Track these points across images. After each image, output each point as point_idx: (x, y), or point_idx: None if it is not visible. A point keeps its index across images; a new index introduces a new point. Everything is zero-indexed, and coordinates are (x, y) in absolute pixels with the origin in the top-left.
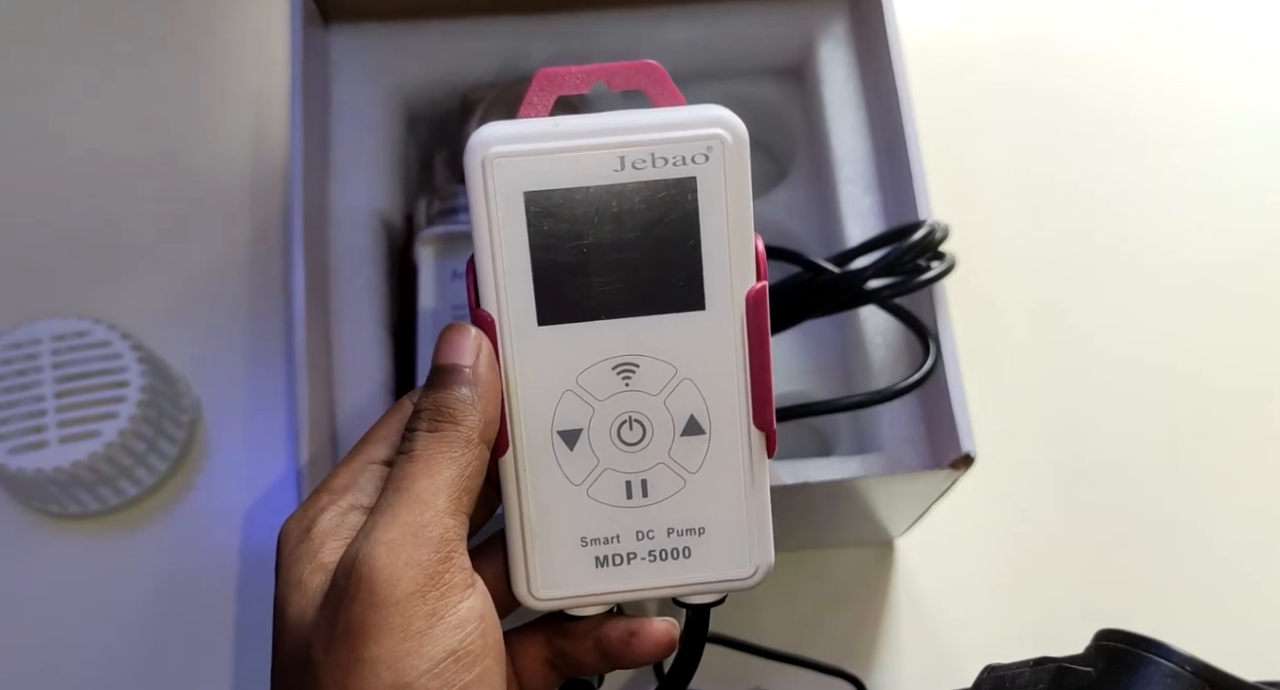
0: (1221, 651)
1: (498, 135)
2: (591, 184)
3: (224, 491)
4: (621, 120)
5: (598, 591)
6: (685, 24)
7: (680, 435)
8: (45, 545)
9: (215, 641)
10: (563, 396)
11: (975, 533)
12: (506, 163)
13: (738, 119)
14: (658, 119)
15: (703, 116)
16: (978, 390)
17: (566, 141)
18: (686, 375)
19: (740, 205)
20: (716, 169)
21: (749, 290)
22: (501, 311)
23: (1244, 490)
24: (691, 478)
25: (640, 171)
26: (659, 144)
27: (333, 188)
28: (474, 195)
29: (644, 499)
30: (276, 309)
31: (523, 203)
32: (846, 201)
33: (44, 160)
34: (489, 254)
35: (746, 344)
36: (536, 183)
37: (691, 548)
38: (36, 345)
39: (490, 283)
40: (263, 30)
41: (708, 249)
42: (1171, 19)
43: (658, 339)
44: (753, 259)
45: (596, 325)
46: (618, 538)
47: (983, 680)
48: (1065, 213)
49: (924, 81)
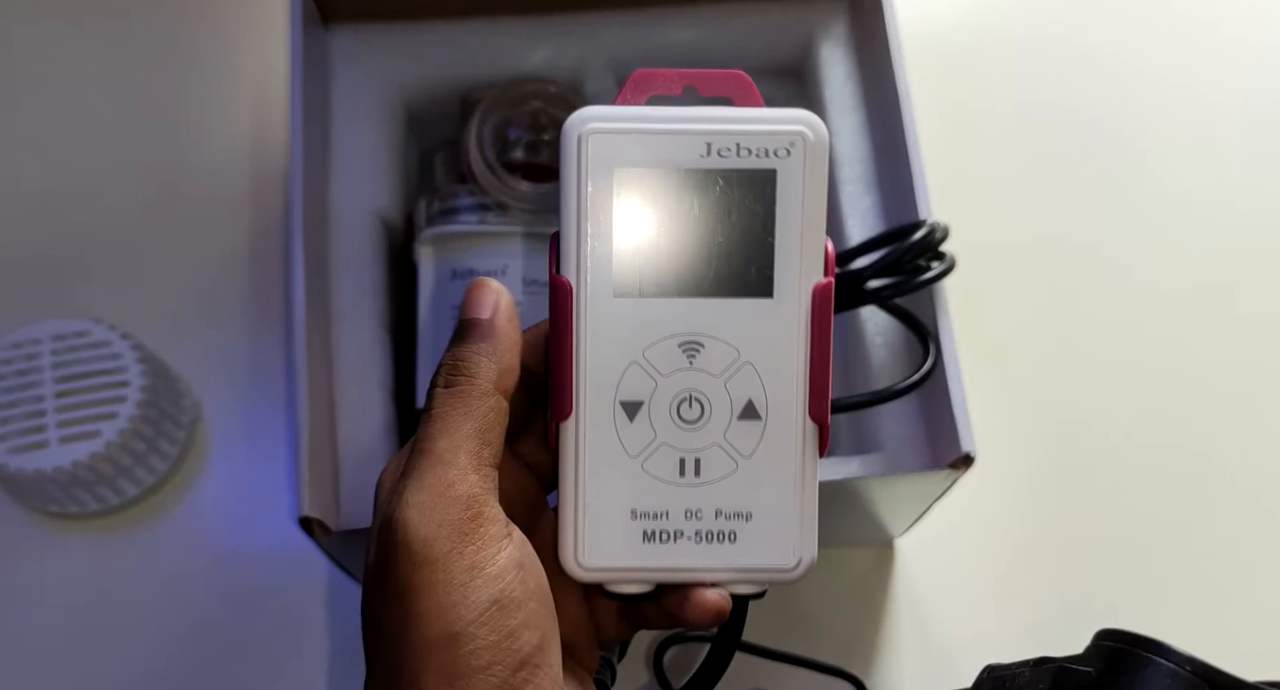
0: (1221, 651)
1: (596, 114)
2: (678, 166)
3: (224, 491)
4: (711, 112)
5: (643, 566)
6: (685, 24)
7: (737, 418)
8: (45, 545)
9: (215, 641)
10: (629, 368)
11: (975, 533)
12: (602, 139)
13: (820, 121)
14: (745, 114)
15: (788, 115)
16: (978, 390)
17: (658, 124)
18: (748, 359)
19: (816, 201)
20: (797, 164)
21: (816, 284)
22: (580, 280)
23: (1244, 490)
24: (744, 462)
25: (725, 159)
26: (745, 135)
27: (333, 188)
28: (567, 167)
29: (696, 478)
30: (276, 309)
31: (613, 178)
32: (846, 201)
33: (44, 160)
34: (574, 224)
35: (809, 335)
36: (628, 161)
37: (738, 532)
38: (36, 345)
39: (573, 251)
40: (263, 30)
41: (781, 240)
42: (1172, 19)
43: (724, 321)
44: (822, 254)
45: (668, 302)
46: (667, 514)
47: (983, 680)
48: (1065, 212)
49: (924, 81)
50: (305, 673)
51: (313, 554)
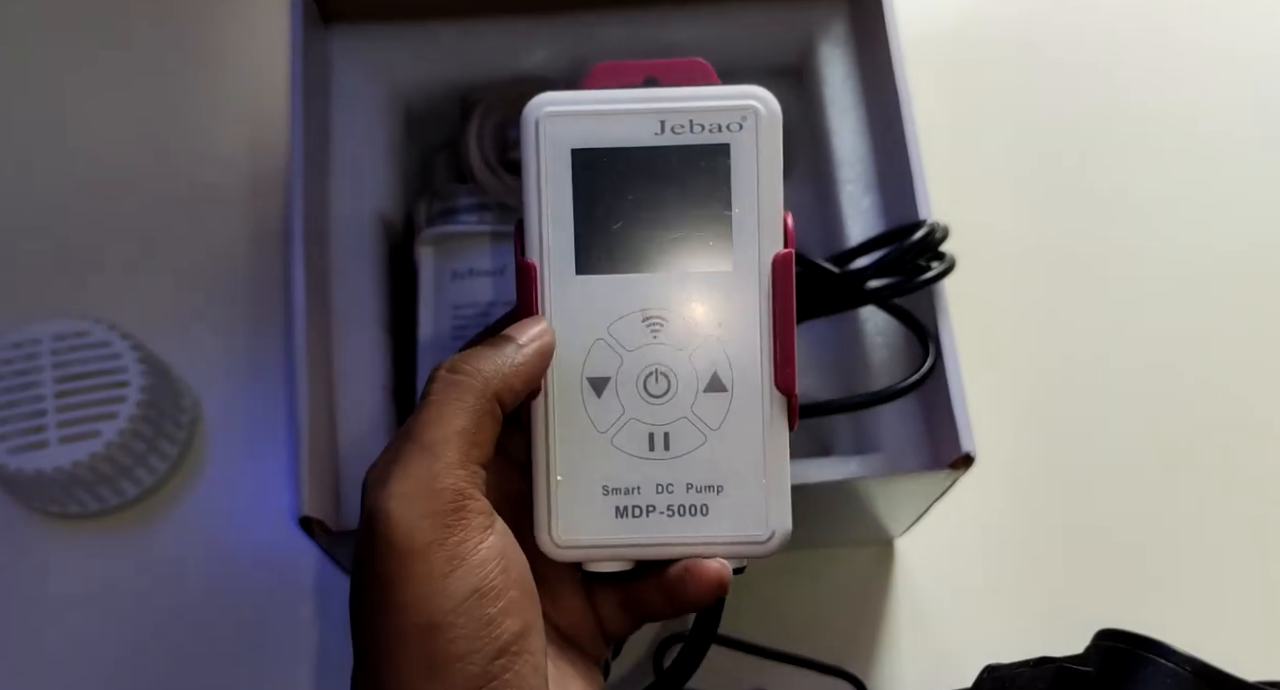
0: (1221, 651)
1: (552, 98)
2: (633, 145)
3: (224, 491)
4: (664, 92)
5: (616, 542)
6: (685, 24)
7: (703, 391)
8: (45, 545)
9: (215, 640)
10: (594, 344)
11: (975, 533)
12: (557, 120)
13: (771, 95)
14: (698, 92)
15: (739, 91)
16: (978, 390)
17: (612, 105)
18: (710, 333)
19: (770, 173)
20: (749, 138)
21: (775, 254)
22: (543, 259)
23: (1244, 490)
24: (712, 434)
25: (679, 135)
26: (697, 112)
27: (333, 188)
28: (526, 152)
29: (666, 452)
30: (276, 309)
31: (569, 158)
32: (846, 201)
33: (44, 160)
34: (535, 205)
35: (771, 306)
36: (583, 141)
37: (709, 505)
38: (36, 345)
39: (535, 233)
40: (263, 30)
41: (738, 213)
42: (1172, 19)
43: (686, 295)
44: (780, 226)
45: (630, 277)
46: (638, 489)
47: (983, 680)
48: (1065, 212)
49: (924, 81)
50: (305, 672)
51: (312, 554)
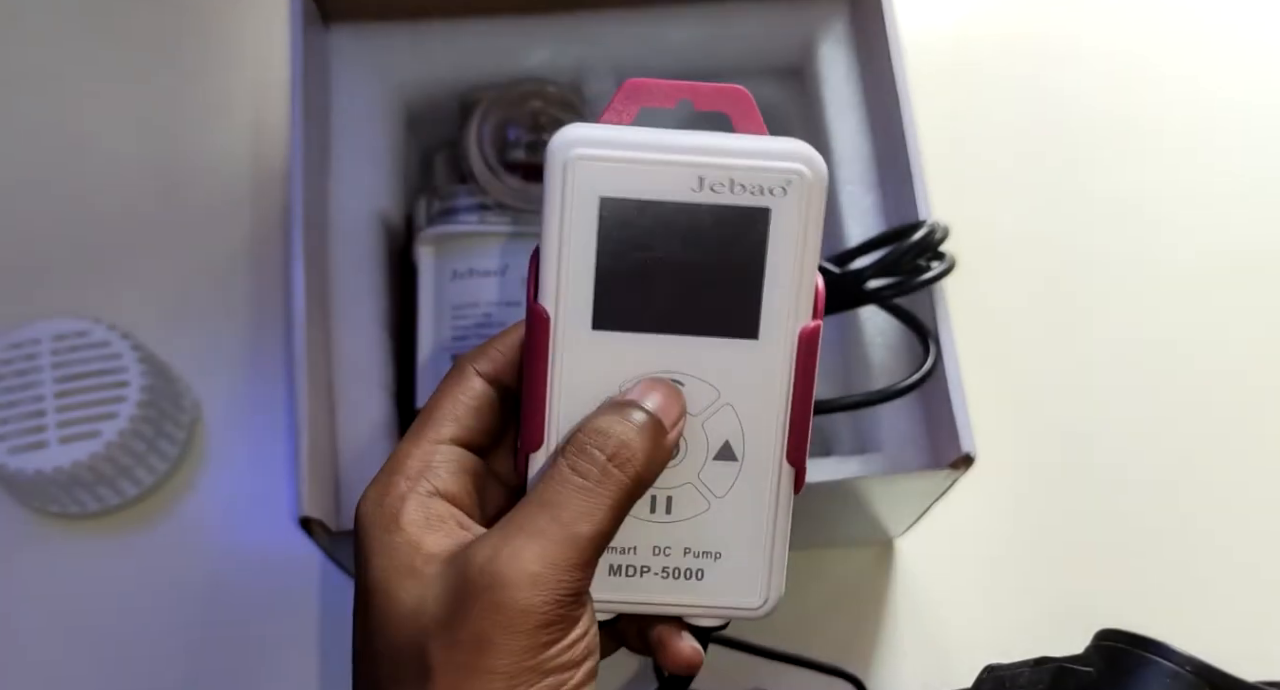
0: (1221, 651)
1: (582, 137)
2: (667, 199)
3: (224, 491)
4: (705, 141)
5: (605, 598)
6: (685, 24)
7: (712, 459)
8: (45, 545)
9: (215, 641)
10: (603, 402)
11: (975, 533)
12: (587, 165)
13: (819, 157)
14: (741, 145)
15: (786, 149)
16: (978, 390)
17: (649, 153)
18: (728, 401)
19: (810, 243)
20: (792, 204)
21: (804, 327)
22: (558, 309)
23: (1244, 490)
24: (717, 502)
25: (717, 194)
26: (739, 170)
27: (333, 188)
28: (550, 192)
29: (666, 516)
30: (276, 309)
31: (597, 207)
32: (846, 201)
33: (44, 160)
34: (555, 252)
35: (793, 379)
36: (613, 190)
37: (705, 570)
38: (36, 345)
39: (552, 279)
40: (263, 30)
41: (770, 281)
42: (1171, 18)
43: (706, 361)
44: (812, 296)
45: (649, 337)
46: (635, 549)
47: (983, 680)
48: (1065, 212)
49: (924, 81)
50: (304, 672)
51: (312, 554)
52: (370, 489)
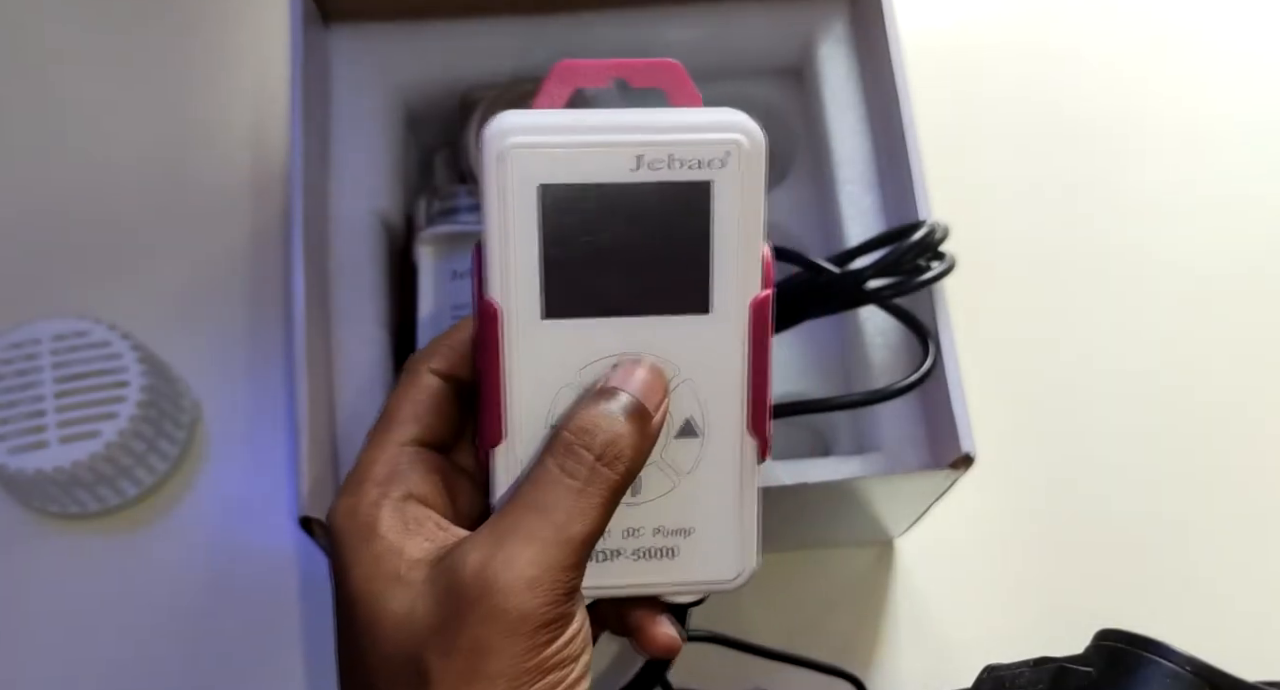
0: (1221, 651)
1: (516, 125)
2: (607, 181)
3: (224, 491)
4: (640, 118)
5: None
6: (685, 24)
7: (674, 437)
8: (45, 545)
9: (215, 641)
10: (560, 390)
11: (975, 533)
12: (523, 154)
13: (756, 125)
14: (677, 120)
15: (722, 120)
16: (978, 390)
17: (584, 136)
18: (686, 377)
19: (753, 212)
20: (732, 174)
21: (754, 297)
22: (508, 302)
23: (1244, 490)
24: (682, 479)
25: (656, 172)
26: (677, 145)
27: (333, 188)
28: (488, 184)
29: (634, 498)
30: (276, 309)
31: (537, 195)
32: (846, 201)
33: (44, 160)
34: (499, 244)
35: (749, 350)
36: (552, 176)
37: (677, 548)
38: (36, 345)
39: (498, 272)
40: (263, 30)
41: (717, 254)
42: (1171, 22)
43: (660, 340)
44: (760, 266)
45: (601, 321)
46: (607, 534)
47: (983, 680)
48: (1065, 213)
49: (924, 81)
50: (304, 672)
51: (312, 554)
52: (340, 500)
